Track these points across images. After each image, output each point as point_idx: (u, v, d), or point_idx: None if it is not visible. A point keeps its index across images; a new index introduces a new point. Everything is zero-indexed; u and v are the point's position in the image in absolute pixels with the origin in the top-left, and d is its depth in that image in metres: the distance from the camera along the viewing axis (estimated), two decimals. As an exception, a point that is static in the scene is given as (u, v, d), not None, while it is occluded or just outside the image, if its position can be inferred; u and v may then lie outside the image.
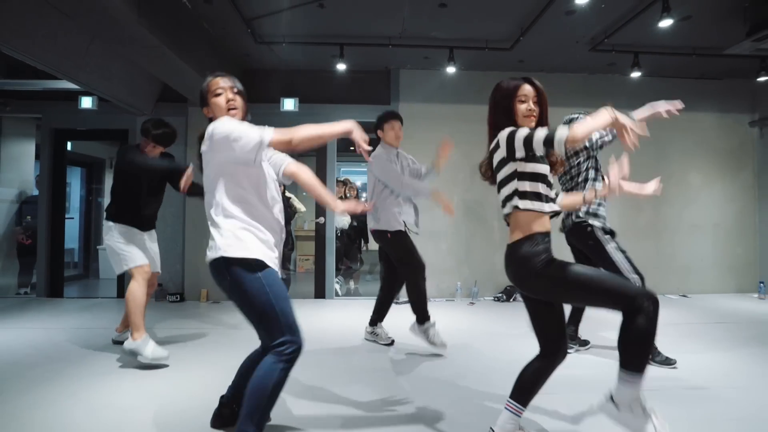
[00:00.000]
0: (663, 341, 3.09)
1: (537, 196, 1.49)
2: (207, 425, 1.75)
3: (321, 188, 1.73)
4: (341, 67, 4.14)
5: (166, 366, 2.46)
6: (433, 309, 2.95)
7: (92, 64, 3.57)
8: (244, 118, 1.65)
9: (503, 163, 1.53)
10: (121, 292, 4.73)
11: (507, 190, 1.52)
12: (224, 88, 1.63)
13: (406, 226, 2.83)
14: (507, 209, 1.54)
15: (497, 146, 1.53)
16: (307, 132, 1.51)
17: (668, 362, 2.53)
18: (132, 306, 2.50)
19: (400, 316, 3.14)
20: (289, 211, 4.91)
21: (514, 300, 4.51)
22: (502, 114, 1.58)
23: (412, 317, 2.77)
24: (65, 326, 3.40)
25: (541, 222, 1.50)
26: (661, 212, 4.97)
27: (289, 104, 4.62)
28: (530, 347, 1.61)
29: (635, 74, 4.23)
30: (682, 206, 4.99)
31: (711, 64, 4.49)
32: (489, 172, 1.65)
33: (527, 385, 1.52)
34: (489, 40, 4.01)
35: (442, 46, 4.03)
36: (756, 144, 5.06)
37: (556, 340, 1.53)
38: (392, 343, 2.90)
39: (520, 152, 1.46)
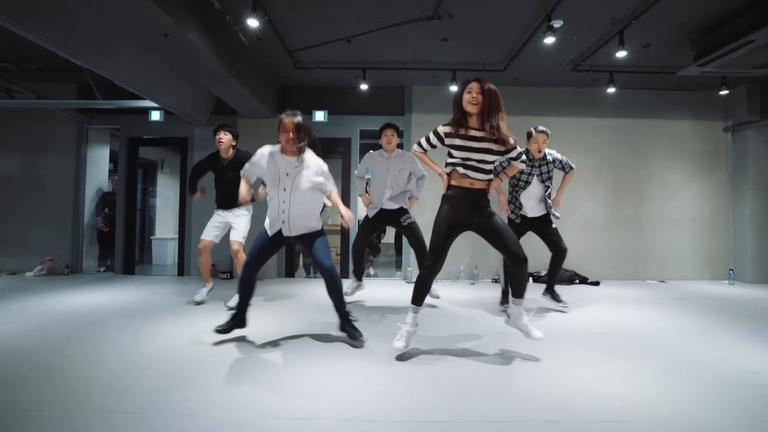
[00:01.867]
0: (625, 308, 3.84)
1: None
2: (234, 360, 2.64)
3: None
4: (364, 87, 5.03)
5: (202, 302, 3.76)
6: (439, 288, 3.93)
7: (170, 88, 4.57)
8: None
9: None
10: (181, 271, 5.75)
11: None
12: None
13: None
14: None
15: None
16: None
17: (563, 305, 3.66)
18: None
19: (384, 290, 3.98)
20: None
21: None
22: (457, 101, 2.33)
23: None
24: (153, 291, 4.41)
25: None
26: (643, 208, 5.66)
27: (319, 116, 5.55)
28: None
29: (611, 90, 4.96)
30: (661, 202, 5.67)
31: (685, 78, 5.16)
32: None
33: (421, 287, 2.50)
34: (485, 63, 4.83)
35: (446, 68, 4.87)
36: (729, 148, 5.69)
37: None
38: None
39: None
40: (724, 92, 4.92)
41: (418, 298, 2.45)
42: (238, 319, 2.72)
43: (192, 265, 5.67)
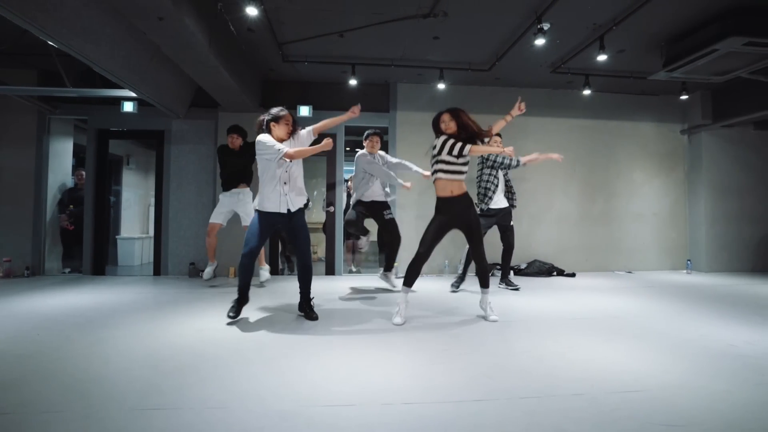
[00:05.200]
0: (604, 296, 4.10)
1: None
2: (239, 345, 2.60)
3: (333, 120, 3.27)
4: (353, 82, 5.03)
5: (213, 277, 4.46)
6: (424, 282, 4.09)
7: (149, 77, 4.34)
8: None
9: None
10: (158, 271, 5.48)
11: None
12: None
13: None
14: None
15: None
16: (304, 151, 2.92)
17: (515, 288, 4.35)
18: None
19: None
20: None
21: (491, 275, 5.48)
22: (436, 129, 3.08)
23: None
24: (133, 292, 4.16)
25: None
26: (611, 203, 6.05)
27: (304, 111, 5.47)
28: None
29: (586, 92, 5.28)
30: (628, 199, 6.09)
31: (648, 83, 5.59)
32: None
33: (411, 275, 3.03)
34: (472, 63, 4.98)
35: (434, 66, 4.97)
36: (685, 149, 6.22)
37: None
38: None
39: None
40: (684, 97, 5.37)
41: (409, 281, 2.98)
42: (242, 299, 3.02)
43: (170, 264, 5.41)
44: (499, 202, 4.27)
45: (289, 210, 2.97)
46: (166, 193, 5.44)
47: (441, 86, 5.09)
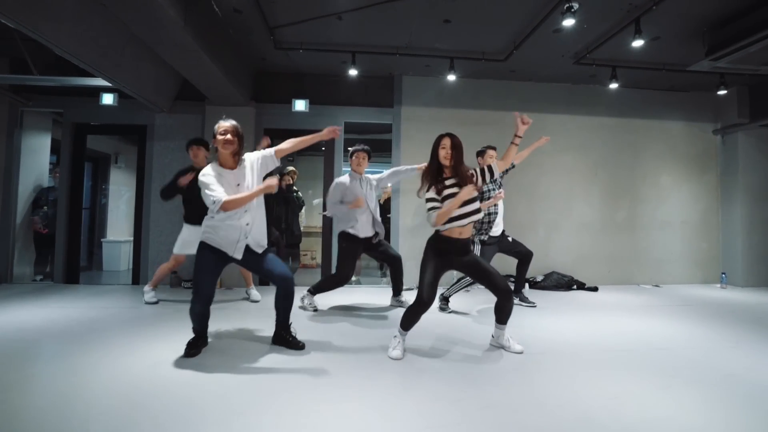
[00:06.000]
0: (637, 317, 3.58)
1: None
2: (199, 391, 2.10)
3: (303, 139, 2.53)
4: (353, 72, 4.53)
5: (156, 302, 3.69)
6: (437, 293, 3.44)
7: (125, 64, 3.87)
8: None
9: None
10: (136, 279, 5.00)
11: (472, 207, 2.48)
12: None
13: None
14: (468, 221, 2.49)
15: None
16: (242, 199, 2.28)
17: (531, 305, 3.90)
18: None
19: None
20: (296, 204, 5.22)
21: (505, 288, 4.94)
22: (433, 154, 2.53)
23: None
24: (99, 306, 3.67)
25: None
26: (636, 210, 5.51)
27: (300, 105, 4.99)
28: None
29: (613, 86, 4.75)
30: (655, 205, 5.54)
31: (679, 77, 5.05)
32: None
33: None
34: (486, 52, 4.47)
35: (444, 56, 4.47)
36: (718, 150, 5.66)
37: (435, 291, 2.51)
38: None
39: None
40: (722, 92, 4.83)
41: (407, 326, 2.55)
42: (200, 341, 2.51)
43: (150, 273, 4.92)
44: (497, 228, 3.81)
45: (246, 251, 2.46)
46: (147, 194, 4.96)
47: (451, 77, 4.58)
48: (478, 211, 2.48)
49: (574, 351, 2.63)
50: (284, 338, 2.60)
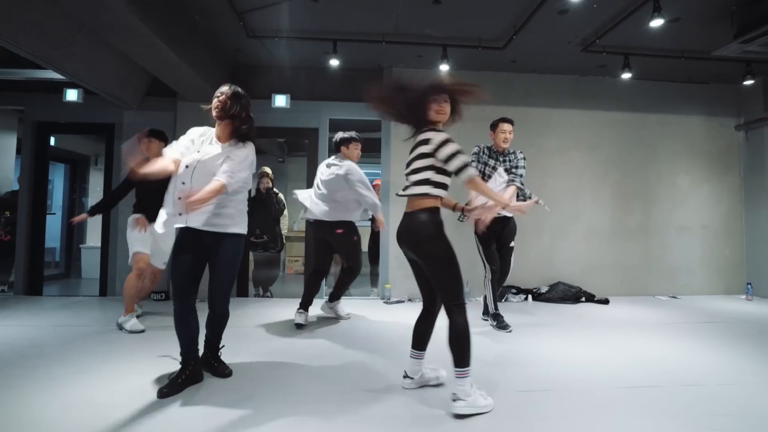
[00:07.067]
0: (657, 339, 3.10)
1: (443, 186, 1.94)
2: (179, 423, 1.67)
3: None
4: (334, 63, 4.11)
5: (142, 331, 3.01)
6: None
7: (79, 54, 3.48)
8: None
9: (425, 156, 1.90)
10: (104, 290, 4.61)
11: (420, 176, 1.91)
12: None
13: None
14: (416, 190, 1.91)
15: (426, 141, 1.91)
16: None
17: (505, 327, 3.16)
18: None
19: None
20: (277, 207, 4.80)
21: (505, 300, 4.48)
22: (417, 102, 1.93)
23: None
24: (43, 324, 3.27)
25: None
26: (651, 213, 5.01)
27: (280, 101, 4.56)
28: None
29: (626, 75, 4.27)
30: (671, 208, 5.04)
31: (698, 67, 4.56)
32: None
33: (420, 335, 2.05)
34: (482, 39, 4.02)
35: (436, 44, 4.02)
36: (741, 147, 5.15)
37: (432, 296, 2.00)
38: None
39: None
40: (749, 82, 4.32)
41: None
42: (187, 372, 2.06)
43: (118, 282, 4.53)
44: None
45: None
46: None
47: (444, 68, 4.13)
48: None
49: (583, 387, 2.17)
50: (208, 361, 2.24)
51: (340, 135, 3.37)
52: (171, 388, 1.96)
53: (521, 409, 1.89)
